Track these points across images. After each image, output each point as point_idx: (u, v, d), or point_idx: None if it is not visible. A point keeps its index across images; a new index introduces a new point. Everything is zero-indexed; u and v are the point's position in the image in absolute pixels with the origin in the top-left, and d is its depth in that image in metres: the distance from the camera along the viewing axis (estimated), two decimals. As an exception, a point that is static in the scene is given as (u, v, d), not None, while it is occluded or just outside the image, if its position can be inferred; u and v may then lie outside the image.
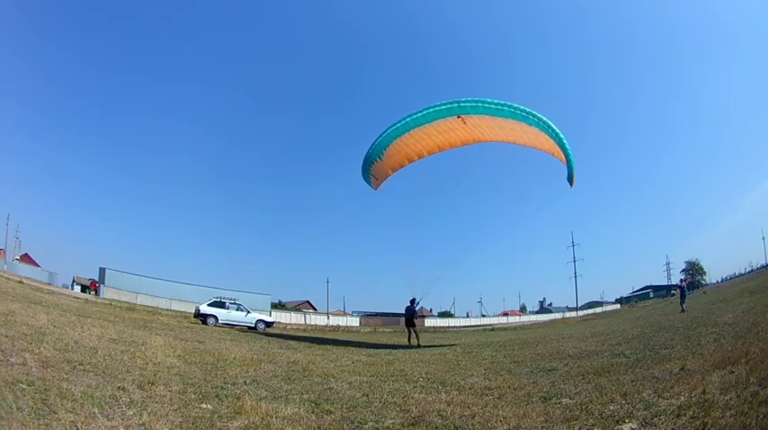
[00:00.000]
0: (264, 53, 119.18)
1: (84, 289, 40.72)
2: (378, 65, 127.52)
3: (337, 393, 5.13)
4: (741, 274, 53.43)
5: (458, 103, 11.21)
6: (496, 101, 10.96)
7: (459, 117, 11.21)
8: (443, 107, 11.33)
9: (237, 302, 22.83)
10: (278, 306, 53.92)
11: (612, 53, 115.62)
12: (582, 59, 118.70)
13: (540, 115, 10.61)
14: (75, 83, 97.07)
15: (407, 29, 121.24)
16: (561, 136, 10.39)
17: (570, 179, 10.75)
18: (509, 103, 10.80)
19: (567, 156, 10.46)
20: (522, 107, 10.73)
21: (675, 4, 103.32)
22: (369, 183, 13.89)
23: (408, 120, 11.80)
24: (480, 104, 11.02)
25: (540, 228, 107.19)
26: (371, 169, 13.19)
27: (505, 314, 72.19)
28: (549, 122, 10.51)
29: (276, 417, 3.76)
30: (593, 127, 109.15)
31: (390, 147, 12.33)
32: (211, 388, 5.00)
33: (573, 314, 55.33)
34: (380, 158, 12.68)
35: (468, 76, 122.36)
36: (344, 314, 57.80)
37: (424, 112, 11.54)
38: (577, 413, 3.78)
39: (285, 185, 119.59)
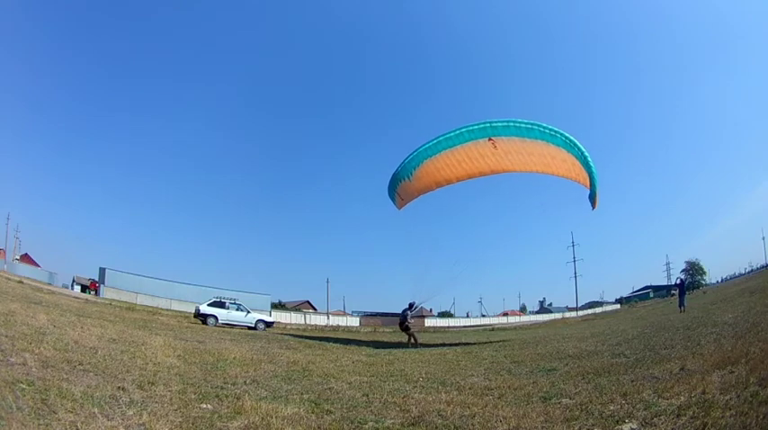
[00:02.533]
0: (267, 53, 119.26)
1: (84, 289, 40.72)
2: (383, 65, 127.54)
3: (337, 393, 5.13)
4: (741, 274, 53.33)
5: (490, 123, 11.26)
6: (526, 120, 11.11)
7: (490, 140, 11.23)
8: (475, 127, 11.35)
9: (237, 302, 22.86)
10: (278, 306, 53.90)
11: (613, 53, 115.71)
12: (582, 59, 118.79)
13: (566, 134, 10.76)
14: (75, 82, 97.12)
15: (410, 28, 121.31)
16: (587, 154, 10.45)
17: (593, 199, 10.63)
18: (538, 123, 10.99)
19: (591, 176, 10.44)
20: (549, 126, 10.92)
21: (676, 4, 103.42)
22: (393, 201, 13.65)
23: (441, 139, 11.73)
24: (512, 124, 11.11)
25: (541, 228, 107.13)
26: (398, 188, 13.00)
27: (505, 314, 72.19)
28: (576, 141, 10.64)
29: (276, 417, 3.76)
30: (593, 127, 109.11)
31: (420, 168, 12.22)
32: (211, 388, 5.00)
33: (573, 314, 55.31)
34: (409, 178, 12.52)
35: (470, 76, 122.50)
36: (344, 314, 57.78)
37: (457, 132, 11.52)
38: (577, 413, 3.78)
39: (285, 185, 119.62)
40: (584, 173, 10.67)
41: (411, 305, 14.72)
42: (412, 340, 14.37)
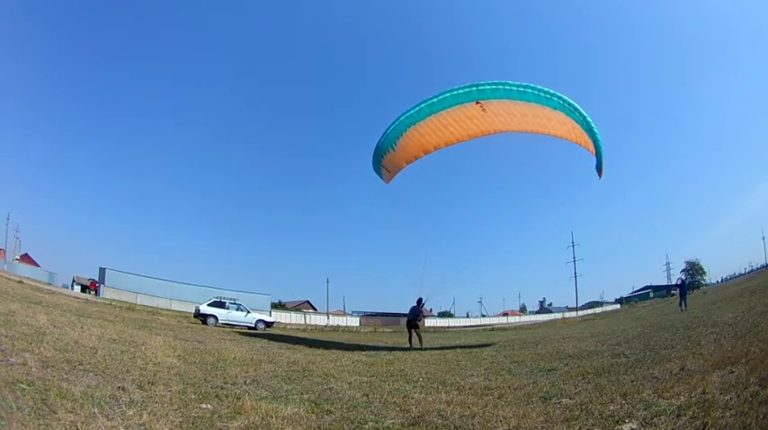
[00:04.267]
0: (266, 52, 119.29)
1: (84, 289, 40.74)
2: (382, 63, 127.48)
3: (337, 393, 5.13)
4: (741, 274, 53.36)
5: (476, 86, 10.24)
6: (518, 83, 9.97)
7: (477, 103, 10.25)
8: (461, 91, 10.39)
9: (237, 302, 22.88)
10: (278, 306, 53.92)
11: (613, 52, 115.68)
12: (581, 59, 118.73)
13: (566, 97, 9.63)
14: (76, 82, 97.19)
15: (409, 26, 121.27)
16: (589, 120, 9.40)
17: (599, 168, 9.70)
18: (532, 85, 9.84)
19: (595, 143, 9.42)
20: (545, 89, 9.78)
21: (676, 3, 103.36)
22: (380, 175, 12.89)
23: (423, 106, 10.84)
24: (501, 87, 10.03)
25: (541, 228, 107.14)
26: (383, 160, 12.20)
27: (505, 314, 72.26)
28: (576, 105, 9.55)
29: (276, 417, 3.76)
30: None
31: (404, 137, 11.34)
32: (211, 388, 5.00)
33: (573, 314, 55.32)
34: (393, 149, 11.71)
35: (470, 74, 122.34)
36: (344, 314, 57.81)
37: (441, 97, 10.61)
38: (577, 413, 3.78)
39: (285, 185, 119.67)
40: (585, 137, 9.69)
41: (420, 301, 13.52)
42: (417, 340, 13.29)
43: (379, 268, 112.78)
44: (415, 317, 13.72)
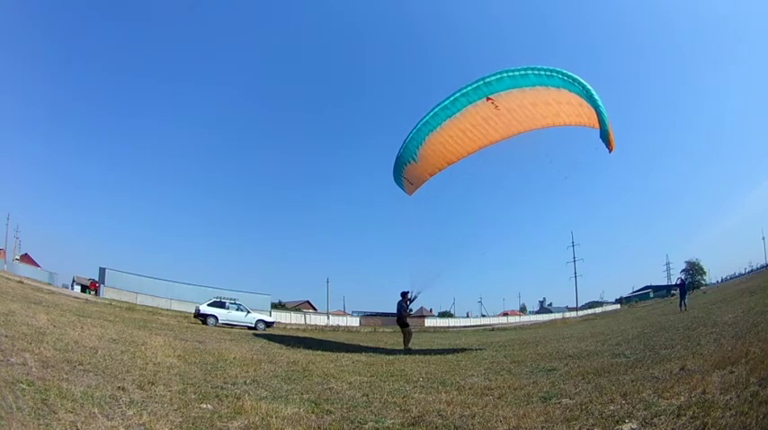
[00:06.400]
0: (266, 51, 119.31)
1: (84, 289, 40.76)
2: (382, 63, 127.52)
3: (337, 393, 5.13)
4: (741, 274, 53.42)
5: (483, 80, 10.11)
6: (519, 67, 9.83)
7: (488, 99, 10.13)
8: (470, 89, 10.26)
9: (237, 302, 22.88)
10: (278, 306, 53.92)
11: (613, 51, 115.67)
12: (581, 57, 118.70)
13: (563, 70, 9.46)
14: (75, 82, 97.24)
15: (409, 25, 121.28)
16: (588, 87, 9.07)
17: (606, 138, 8.87)
18: (531, 66, 9.73)
19: (597, 109, 8.88)
20: (544, 67, 9.61)
21: (678, 4, 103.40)
22: (401, 187, 12.49)
23: (437, 110, 10.73)
24: (505, 75, 9.91)
25: (541, 228, 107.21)
26: (404, 172, 11.88)
27: (505, 314, 72.22)
28: (574, 75, 9.33)
29: (276, 417, 3.76)
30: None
31: (424, 146, 11.15)
32: (211, 388, 5.00)
33: (573, 314, 55.29)
34: (414, 160, 11.44)
35: (471, 72, 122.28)
36: (344, 314, 57.82)
37: (452, 99, 10.50)
38: (577, 413, 3.78)
39: (285, 185, 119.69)
40: (591, 111, 9.31)
41: (405, 295, 12.24)
42: (407, 341, 12.25)
43: (380, 268, 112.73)
44: (401, 313, 12.49)
